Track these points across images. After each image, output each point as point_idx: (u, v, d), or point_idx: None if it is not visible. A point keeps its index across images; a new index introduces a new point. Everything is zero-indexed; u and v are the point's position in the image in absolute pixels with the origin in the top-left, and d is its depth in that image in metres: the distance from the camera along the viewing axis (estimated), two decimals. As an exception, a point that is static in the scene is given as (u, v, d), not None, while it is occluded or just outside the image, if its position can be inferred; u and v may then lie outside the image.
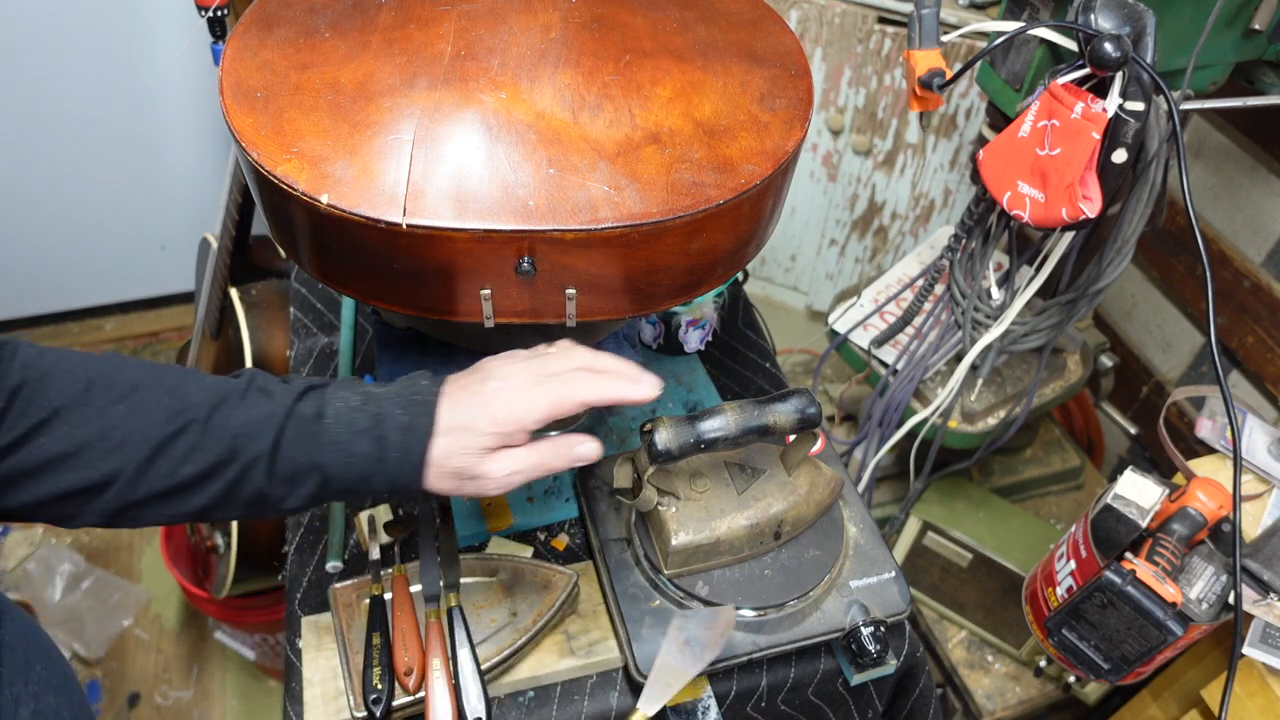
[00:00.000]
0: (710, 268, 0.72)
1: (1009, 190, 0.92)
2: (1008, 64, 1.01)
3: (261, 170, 0.63)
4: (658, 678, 0.71)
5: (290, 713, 0.78)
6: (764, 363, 1.11)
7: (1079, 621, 0.92)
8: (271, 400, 0.61)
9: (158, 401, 0.59)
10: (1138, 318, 1.56)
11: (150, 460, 0.58)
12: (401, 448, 0.60)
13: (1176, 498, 0.90)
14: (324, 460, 0.60)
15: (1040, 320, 1.18)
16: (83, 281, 2.27)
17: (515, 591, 0.82)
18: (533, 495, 0.93)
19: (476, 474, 0.61)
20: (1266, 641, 0.87)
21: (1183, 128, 0.88)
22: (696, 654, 0.72)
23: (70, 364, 0.59)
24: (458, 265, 0.64)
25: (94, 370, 0.59)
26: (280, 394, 0.61)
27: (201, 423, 0.59)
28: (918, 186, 1.70)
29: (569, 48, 0.73)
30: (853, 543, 0.86)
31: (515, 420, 0.61)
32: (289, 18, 0.74)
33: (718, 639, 0.73)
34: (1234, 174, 1.33)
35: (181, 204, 2.18)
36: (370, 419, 0.60)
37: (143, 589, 1.89)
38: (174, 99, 2.00)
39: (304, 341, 1.09)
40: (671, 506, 0.78)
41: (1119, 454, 1.68)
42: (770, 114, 0.72)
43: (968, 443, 1.28)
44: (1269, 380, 1.32)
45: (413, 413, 0.61)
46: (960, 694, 1.43)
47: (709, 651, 0.72)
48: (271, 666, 1.77)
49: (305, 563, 0.88)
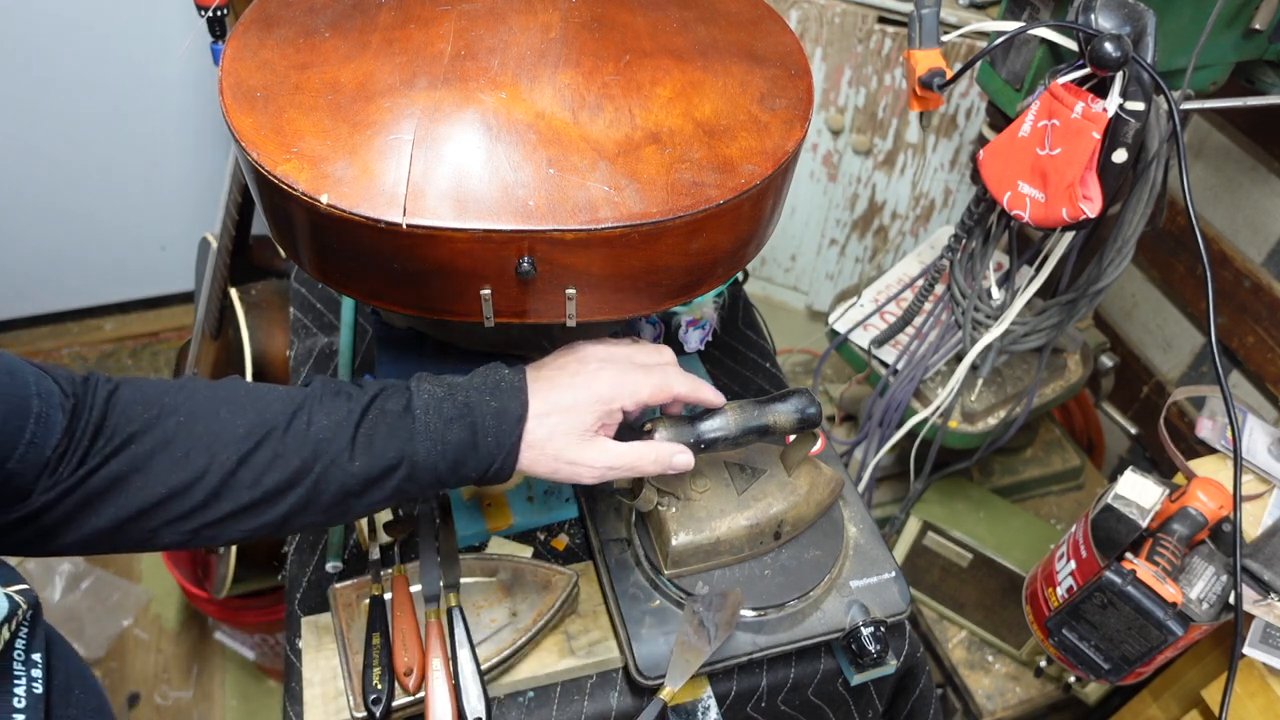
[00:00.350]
0: (710, 268, 0.72)
1: (1009, 190, 0.92)
2: (1008, 64, 1.01)
3: (261, 170, 0.63)
4: (679, 657, 0.74)
5: (290, 713, 0.78)
6: (764, 363, 1.11)
7: (1079, 621, 0.92)
8: (350, 400, 0.62)
9: (237, 416, 0.60)
10: (1138, 318, 1.56)
11: (233, 473, 0.58)
12: (495, 432, 0.62)
13: (1177, 498, 0.90)
14: (415, 451, 0.61)
15: (1040, 320, 1.18)
16: (83, 281, 2.27)
17: (515, 591, 0.82)
18: (533, 495, 0.93)
19: (575, 460, 0.63)
20: (1267, 642, 0.87)
21: (1183, 128, 0.88)
22: (711, 633, 0.75)
23: (147, 390, 0.60)
24: (458, 265, 0.64)
25: (169, 393, 0.60)
26: (357, 395, 0.62)
27: (282, 430, 0.60)
28: (918, 186, 1.70)
29: (569, 48, 0.73)
30: (853, 543, 0.86)
31: (619, 399, 0.64)
32: (289, 18, 0.74)
33: (729, 619, 0.77)
34: (1234, 174, 1.32)
35: (181, 204, 2.18)
36: (460, 407, 0.62)
37: (142, 589, 1.89)
38: (174, 99, 2.00)
39: (304, 341, 1.09)
40: (671, 507, 0.78)
41: (1119, 454, 1.68)
42: (770, 114, 0.72)
43: (968, 443, 1.28)
44: (1269, 380, 1.32)
45: (501, 399, 0.63)
46: (960, 694, 1.43)
47: (722, 630, 0.76)
48: (271, 666, 1.77)
49: (305, 563, 0.87)
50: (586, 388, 0.64)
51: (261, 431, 0.59)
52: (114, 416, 0.58)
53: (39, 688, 0.48)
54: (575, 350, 0.68)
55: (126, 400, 0.59)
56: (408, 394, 0.63)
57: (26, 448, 0.53)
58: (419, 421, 0.61)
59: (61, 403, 0.56)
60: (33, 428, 0.53)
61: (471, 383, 0.64)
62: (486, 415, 0.62)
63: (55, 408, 0.55)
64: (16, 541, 0.57)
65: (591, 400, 0.64)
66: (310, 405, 0.61)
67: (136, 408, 0.59)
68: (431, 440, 0.61)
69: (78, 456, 0.56)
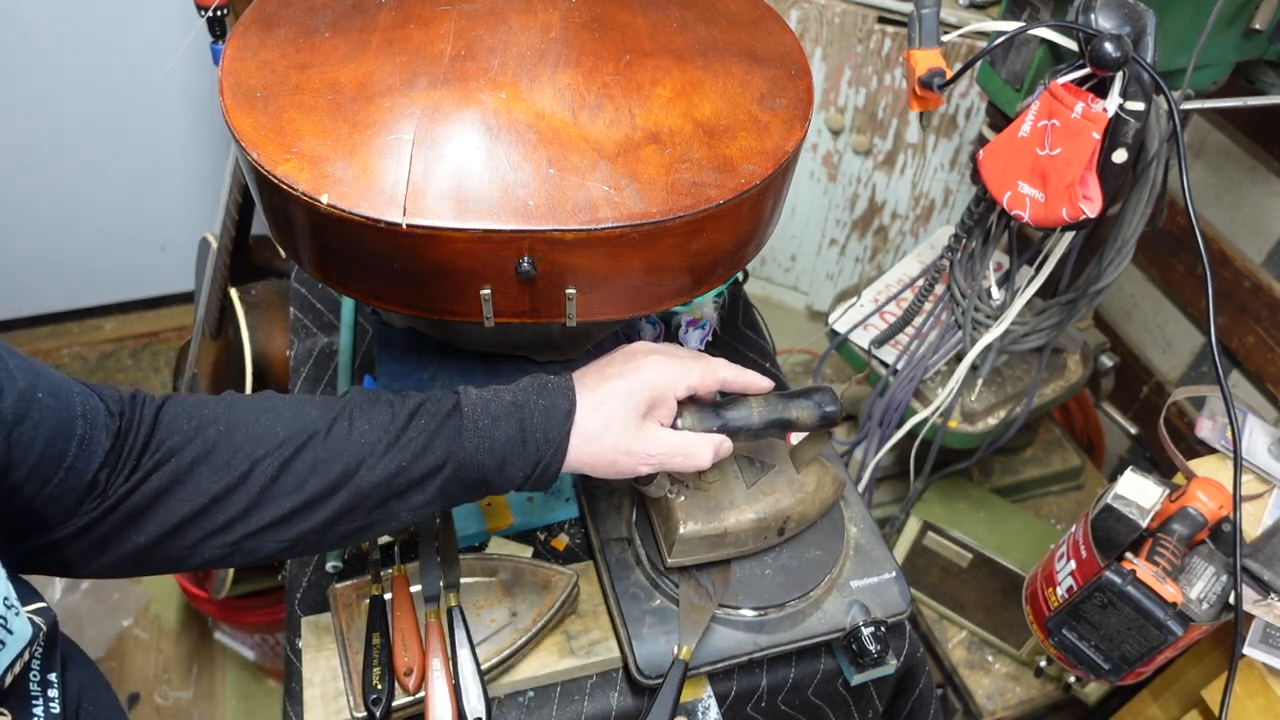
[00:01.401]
0: (710, 268, 0.72)
1: (1009, 190, 0.92)
2: (1008, 64, 1.01)
3: (261, 170, 0.63)
4: (686, 618, 0.77)
5: (290, 713, 0.78)
6: (764, 363, 1.11)
7: (1079, 621, 0.92)
8: (392, 407, 0.62)
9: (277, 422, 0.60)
10: (1138, 318, 1.56)
11: (275, 479, 0.58)
12: (543, 428, 0.62)
13: (1177, 498, 0.90)
14: (461, 449, 0.61)
15: (1040, 320, 1.18)
16: (83, 281, 2.27)
17: (515, 591, 0.82)
18: (533, 495, 0.93)
19: (632, 448, 0.65)
20: (1267, 642, 0.87)
21: (1183, 128, 0.88)
22: (710, 592, 0.79)
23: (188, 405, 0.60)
24: (458, 265, 0.64)
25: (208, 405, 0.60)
26: (400, 401, 0.63)
27: (323, 435, 0.60)
28: (918, 186, 1.70)
29: (569, 48, 0.73)
30: (853, 543, 0.86)
31: (670, 384, 0.66)
32: (289, 18, 0.74)
33: (724, 578, 0.80)
34: (1234, 174, 1.33)
35: (181, 204, 2.18)
36: (507, 406, 0.63)
37: (142, 589, 1.89)
38: (174, 99, 2.00)
39: (304, 341, 1.09)
40: (680, 495, 0.78)
41: (1119, 454, 1.68)
42: (770, 114, 0.72)
43: (968, 443, 1.28)
44: (1269, 380, 1.32)
45: (549, 397, 0.64)
46: (960, 694, 1.43)
47: (719, 590, 0.79)
48: (271, 666, 1.77)
49: (305, 563, 0.87)
50: (637, 374, 0.66)
51: (303, 437, 0.59)
52: (160, 432, 0.58)
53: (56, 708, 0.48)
54: (621, 348, 0.70)
55: (170, 416, 0.59)
56: (455, 397, 0.63)
57: (67, 472, 0.52)
58: (467, 420, 0.62)
59: (107, 424, 0.55)
60: (74, 451, 0.52)
61: (518, 385, 0.65)
62: (535, 412, 0.63)
63: (100, 429, 0.54)
64: (54, 562, 0.56)
65: (643, 385, 0.65)
66: (351, 411, 0.61)
67: (179, 421, 0.59)
68: (479, 438, 0.61)
69: (124, 475, 0.55)
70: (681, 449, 0.67)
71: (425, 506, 0.62)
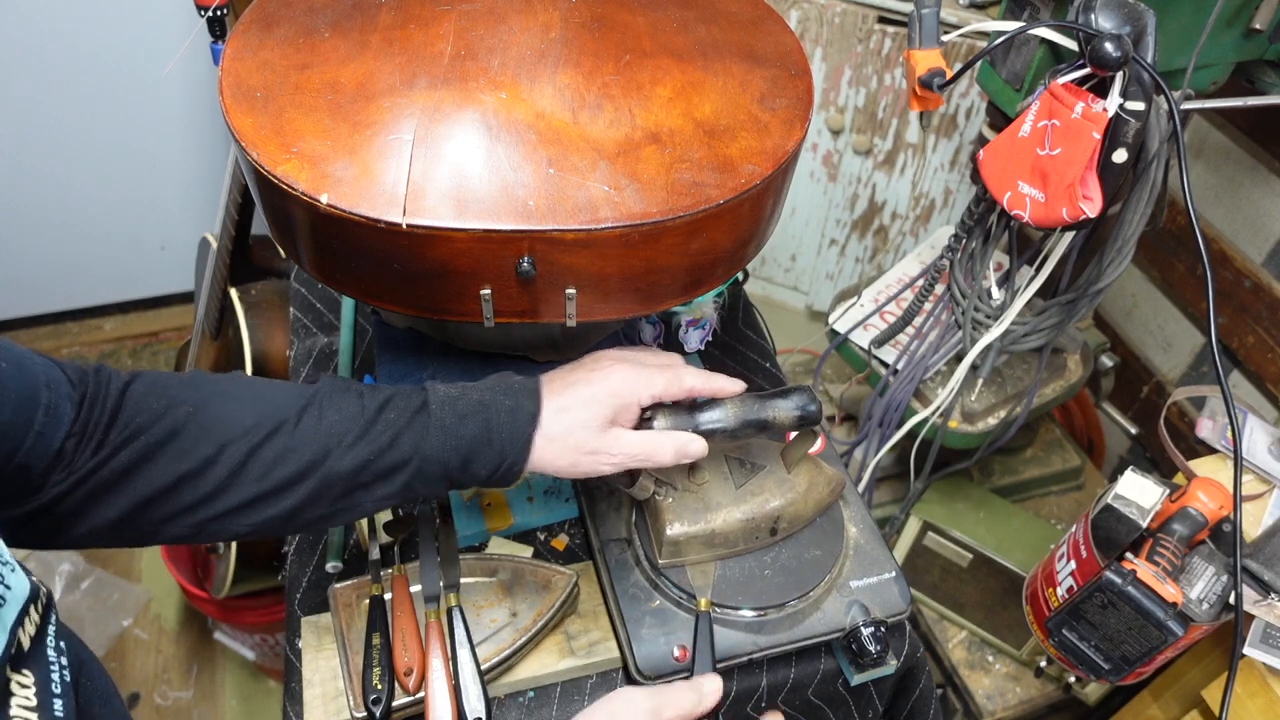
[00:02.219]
0: (710, 268, 0.72)
1: (1009, 190, 0.92)
2: (1008, 64, 1.01)
3: (261, 170, 0.63)
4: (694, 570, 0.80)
5: (290, 713, 0.78)
6: (764, 363, 1.11)
7: (1079, 621, 0.92)
8: (362, 398, 0.63)
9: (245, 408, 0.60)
10: (1138, 318, 1.56)
11: (243, 464, 0.59)
12: (509, 428, 0.63)
13: (1177, 498, 0.90)
14: (427, 445, 0.62)
15: (1040, 320, 1.18)
16: (83, 281, 2.27)
17: (515, 591, 0.82)
18: (533, 495, 0.93)
19: (595, 449, 0.65)
20: (1267, 642, 0.87)
21: (1183, 127, 0.88)
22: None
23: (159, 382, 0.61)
24: (457, 265, 0.64)
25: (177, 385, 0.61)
26: (370, 393, 0.63)
27: (292, 423, 0.60)
28: (918, 186, 1.70)
29: (569, 47, 0.73)
30: (853, 543, 0.86)
31: (634, 393, 0.67)
32: (289, 18, 0.74)
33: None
34: (1234, 174, 1.32)
35: (181, 204, 2.18)
36: (474, 404, 0.64)
37: (142, 589, 1.89)
38: (174, 99, 2.00)
39: (304, 341, 1.09)
40: (668, 497, 0.78)
41: (1119, 454, 1.68)
42: (770, 114, 0.72)
43: (968, 443, 1.28)
44: (1269, 380, 1.32)
45: (515, 398, 0.64)
46: (960, 694, 1.43)
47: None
48: (271, 666, 1.77)
49: (305, 563, 0.87)
50: (603, 382, 0.66)
51: (271, 424, 0.60)
52: (128, 409, 0.58)
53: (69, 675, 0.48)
54: (589, 355, 0.71)
55: (139, 393, 0.60)
56: (423, 393, 0.64)
57: (35, 439, 0.53)
58: (434, 417, 0.62)
59: (69, 394, 0.56)
60: (41, 419, 0.53)
61: (485, 384, 0.66)
62: (501, 412, 0.63)
63: (64, 399, 0.55)
64: (29, 534, 0.57)
65: (608, 393, 0.66)
66: (321, 400, 0.62)
67: (149, 399, 0.59)
68: (445, 435, 0.62)
69: (91, 448, 0.56)
70: (643, 448, 0.67)
71: (389, 499, 0.63)
